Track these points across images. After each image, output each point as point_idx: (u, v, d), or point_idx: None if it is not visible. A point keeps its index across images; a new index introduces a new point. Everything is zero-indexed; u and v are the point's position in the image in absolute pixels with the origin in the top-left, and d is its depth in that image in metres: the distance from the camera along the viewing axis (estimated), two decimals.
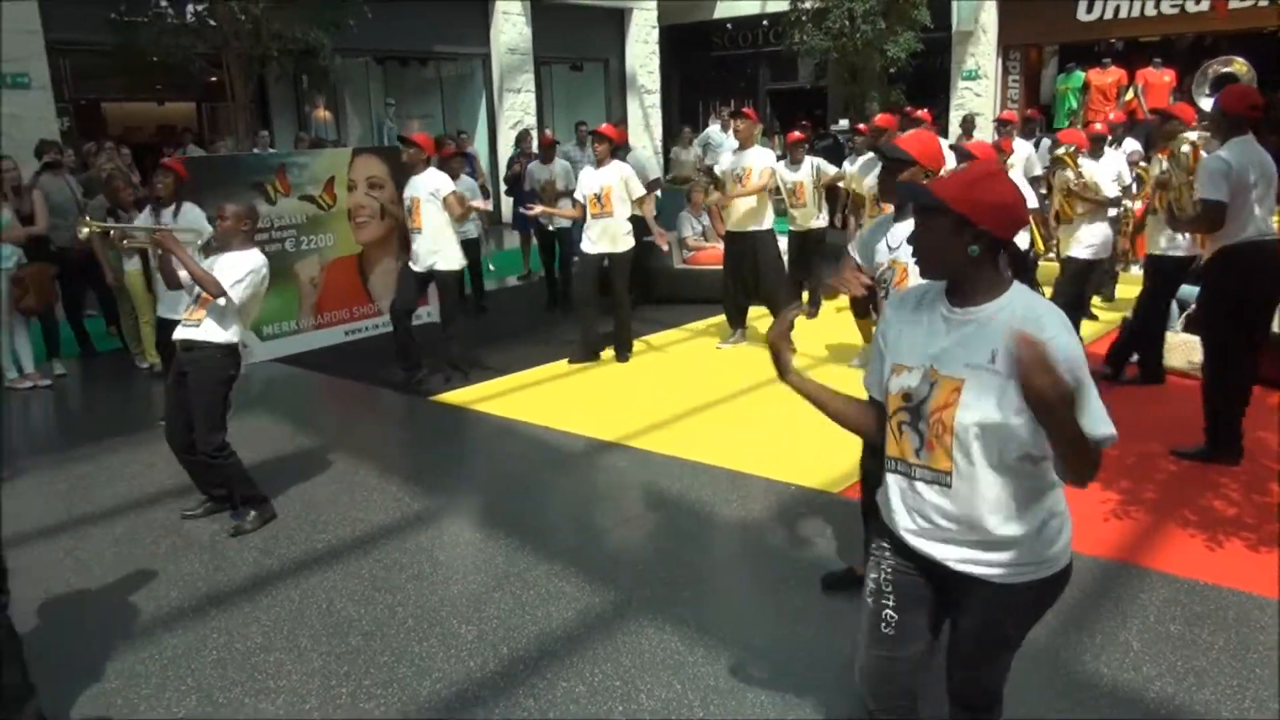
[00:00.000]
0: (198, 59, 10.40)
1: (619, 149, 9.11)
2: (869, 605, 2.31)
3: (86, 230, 5.03)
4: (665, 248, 7.72)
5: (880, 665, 2.30)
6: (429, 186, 6.57)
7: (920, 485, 2.13)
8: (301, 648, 3.51)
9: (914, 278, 2.51)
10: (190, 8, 10.35)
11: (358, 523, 4.60)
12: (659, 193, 10.12)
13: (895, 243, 3.13)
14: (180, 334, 4.45)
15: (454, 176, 8.64)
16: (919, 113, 8.61)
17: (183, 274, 4.42)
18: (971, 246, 2.02)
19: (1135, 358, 6.30)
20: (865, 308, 6.59)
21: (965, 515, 2.08)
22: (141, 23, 9.97)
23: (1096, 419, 1.92)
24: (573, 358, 7.32)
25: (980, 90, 16.37)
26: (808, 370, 6.70)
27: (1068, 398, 1.80)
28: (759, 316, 7.82)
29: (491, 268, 11.17)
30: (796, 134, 8.35)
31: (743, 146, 7.36)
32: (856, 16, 13.62)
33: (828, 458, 5.13)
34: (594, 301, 7.30)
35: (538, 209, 7.76)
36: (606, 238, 7.09)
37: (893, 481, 2.21)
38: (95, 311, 9.17)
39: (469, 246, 9.16)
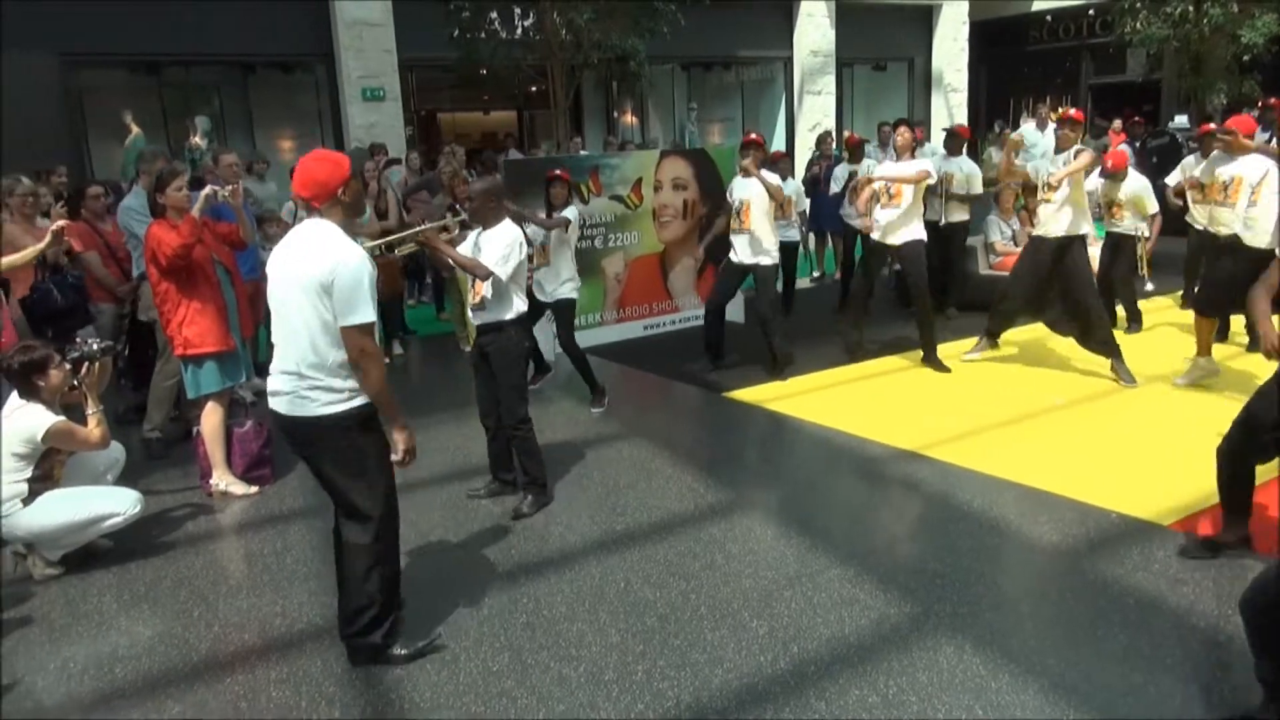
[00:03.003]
0: (526, 69, 11.24)
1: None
2: None
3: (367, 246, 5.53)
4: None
5: None
6: (761, 189, 6.71)
7: None
8: (601, 622, 3.68)
9: None
10: (520, 23, 11.24)
11: (654, 509, 4.76)
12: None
13: None
14: (474, 319, 4.83)
15: (784, 177, 8.78)
16: (1272, 100, 7.63)
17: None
18: None
19: None
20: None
21: None
22: (481, 39, 10.94)
23: None
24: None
25: None
26: (1110, 394, 6.16)
27: None
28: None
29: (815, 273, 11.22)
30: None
31: (1061, 148, 6.67)
32: None
33: (1154, 486, 4.67)
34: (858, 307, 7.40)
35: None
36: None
37: None
38: (427, 299, 10.23)
39: (787, 251, 9.24)
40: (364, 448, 3.27)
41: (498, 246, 4.61)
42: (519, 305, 4.73)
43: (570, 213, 6.32)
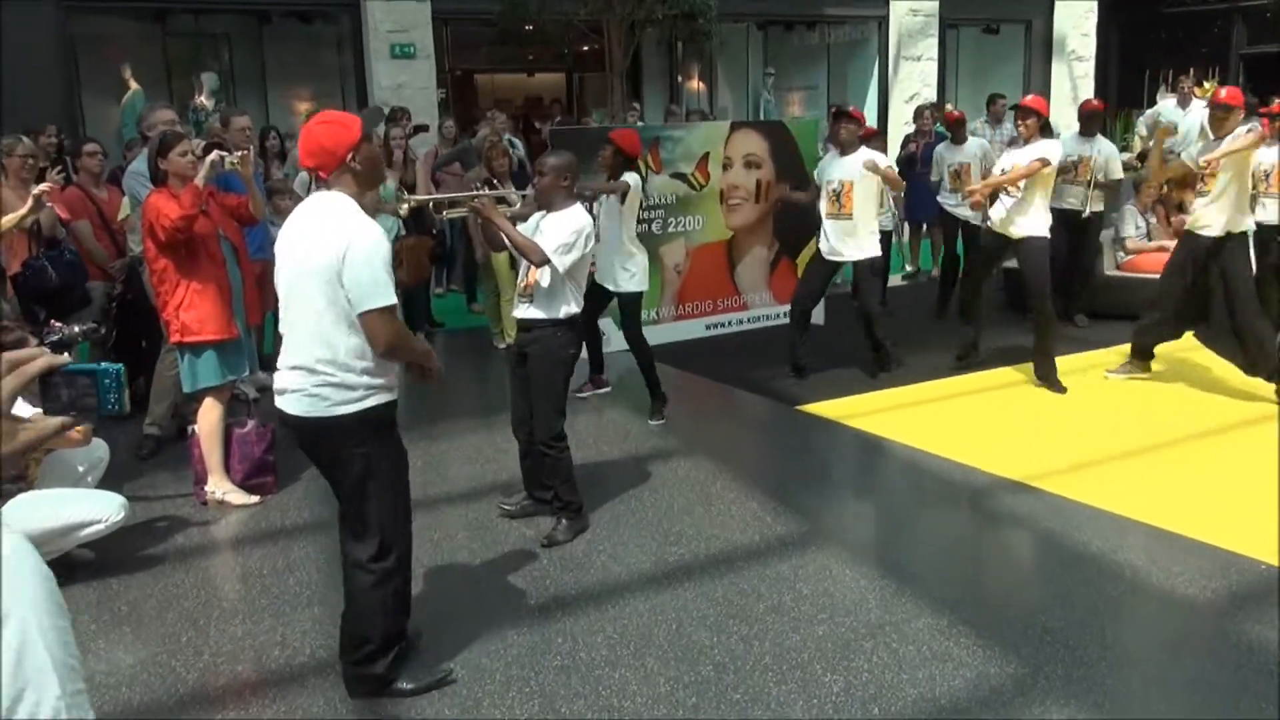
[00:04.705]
0: (578, 25, 11.26)
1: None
2: None
3: (406, 206, 5.60)
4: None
5: None
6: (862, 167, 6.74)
7: None
8: (648, 669, 3.65)
9: None
10: None
11: (713, 539, 4.73)
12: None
13: None
14: (517, 312, 4.80)
15: None
16: None
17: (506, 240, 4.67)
18: None
19: None
20: None
21: None
22: None
23: None
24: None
25: None
26: (1263, 421, 5.98)
27: None
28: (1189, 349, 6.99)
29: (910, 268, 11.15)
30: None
31: (1218, 135, 6.52)
32: None
33: None
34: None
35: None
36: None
37: None
38: (457, 287, 10.31)
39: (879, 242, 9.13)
40: (375, 454, 3.31)
41: (561, 233, 4.56)
42: (572, 306, 4.69)
43: (631, 178, 6.27)
